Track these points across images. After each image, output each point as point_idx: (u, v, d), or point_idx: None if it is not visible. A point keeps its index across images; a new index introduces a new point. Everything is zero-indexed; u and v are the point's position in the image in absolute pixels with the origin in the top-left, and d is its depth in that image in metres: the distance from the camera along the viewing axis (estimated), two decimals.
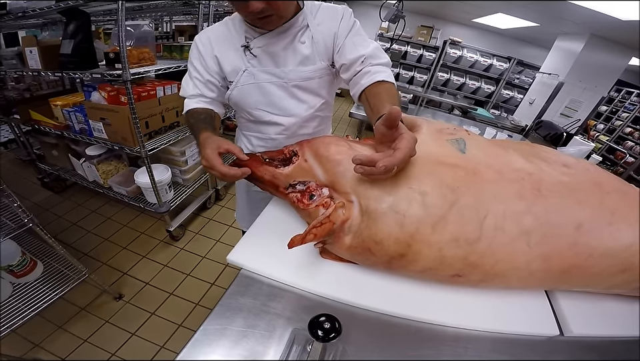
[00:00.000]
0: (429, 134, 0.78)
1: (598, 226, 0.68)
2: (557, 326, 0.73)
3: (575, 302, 0.78)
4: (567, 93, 4.20)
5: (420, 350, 0.64)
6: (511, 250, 0.66)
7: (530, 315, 0.75)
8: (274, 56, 1.02)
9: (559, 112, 4.33)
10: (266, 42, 0.99)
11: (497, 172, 0.71)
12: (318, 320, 0.54)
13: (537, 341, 0.71)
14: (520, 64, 5.73)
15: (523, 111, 4.97)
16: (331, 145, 0.76)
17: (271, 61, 1.02)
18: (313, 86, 1.07)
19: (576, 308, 0.77)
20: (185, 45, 2.09)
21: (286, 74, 1.03)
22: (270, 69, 1.03)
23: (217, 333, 0.61)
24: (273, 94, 1.06)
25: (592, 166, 0.83)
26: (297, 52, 1.01)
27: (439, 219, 0.64)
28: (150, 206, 2.16)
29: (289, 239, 0.65)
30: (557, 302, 0.78)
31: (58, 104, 1.94)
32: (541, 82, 4.69)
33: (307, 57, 1.01)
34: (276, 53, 1.01)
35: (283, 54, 1.01)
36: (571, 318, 0.74)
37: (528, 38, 5.75)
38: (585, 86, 4.12)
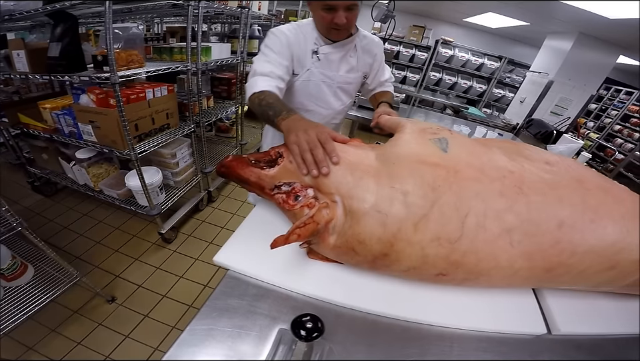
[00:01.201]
0: (412, 134, 0.78)
1: (580, 224, 0.69)
2: (544, 325, 0.73)
3: (563, 300, 0.79)
4: (556, 91, 4.24)
5: (406, 349, 0.65)
6: (493, 248, 0.66)
7: (517, 314, 0.75)
8: (331, 63, 1.33)
9: (549, 111, 4.37)
10: (329, 51, 1.30)
11: (478, 170, 0.71)
12: (301, 320, 0.55)
13: (524, 340, 0.71)
14: (511, 63, 5.77)
15: (514, 110, 5.01)
16: None
17: (328, 66, 1.33)
18: (349, 89, 1.44)
19: (564, 306, 0.78)
20: (175, 47, 2.09)
21: (335, 77, 1.37)
22: (326, 72, 1.34)
23: (203, 333, 0.61)
24: (322, 90, 1.39)
25: (575, 163, 0.84)
26: (347, 62, 1.36)
27: (421, 218, 0.64)
28: (141, 209, 2.15)
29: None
30: (545, 301, 0.79)
31: (47, 107, 1.92)
32: (531, 81, 4.73)
33: (352, 67, 1.38)
34: (334, 61, 1.33)
35: (338, 63, 1.34)
36: (559, 316, 0.74)
37: (518, 37, 5.79)
38: (574, 84, 4.17)
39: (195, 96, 2.29)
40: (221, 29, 4.08)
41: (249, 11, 2.59)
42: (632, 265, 0.70)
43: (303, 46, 1.28)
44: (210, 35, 3.66)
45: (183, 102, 2.32)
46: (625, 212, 0.72)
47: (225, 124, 3.44)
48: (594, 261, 0.69)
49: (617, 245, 0.69)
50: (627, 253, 0.69)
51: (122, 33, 1.67)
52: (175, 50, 2.08)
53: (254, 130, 4.07)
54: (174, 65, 1.93)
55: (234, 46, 2.76)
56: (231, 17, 3.20)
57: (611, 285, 0.76)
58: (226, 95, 3.00)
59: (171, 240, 2.38)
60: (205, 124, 2.54)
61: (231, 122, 3.42)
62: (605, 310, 0.79)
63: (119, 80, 1.53)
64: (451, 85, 6.02)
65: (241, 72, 2.82)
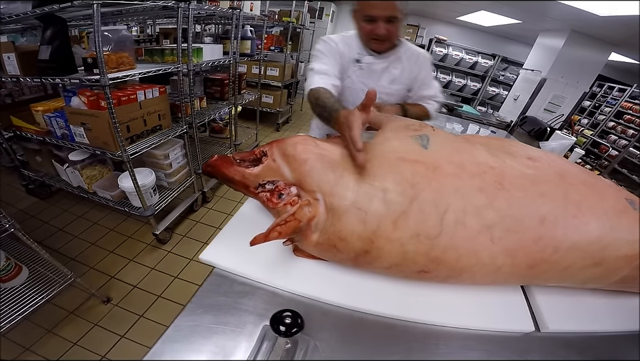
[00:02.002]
0: (394, 131, 0.79)
1: (563, 220, 0.68)
2: (532, 322, 0.73)
3: (552, 297, 0.79)
4: (549, 89, 4.27)
5: (392, 347, 0.65)
6: (473, 244, 0.66)
7: (505, 311, 0.75)
8: (372, 73, 1.37)
9: (543, 108, 4.41)
10: (372, 62, 1.34)
11: (458, 166, 0.71)
12: (280, 316, 0.56)
13: (512, 337, 0.71)
14: (504, 61, 5.81)
15: (508, 107, 5.04)
16: (298, 145, 0.77)
17: (369, 76, 1.37)
18: (389, 100, 1.41)
19: (553, 303, 0.77)
20: (166, 49, 2.10)
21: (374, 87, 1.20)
22: (365, 81, 1.38)
23: (188, 329, 0.62)
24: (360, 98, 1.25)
25: (558, 158, 0.83)
26: (390, 74, 1.37)
27: (400, 215, 0.65)
28: (135, 210, 2.15)
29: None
30: (534, 298, 0.79)
31: (39, 110, 1.92)
32: (525, 79, 4.76)
33: (395, 79, 1.38)
34: (375, 71, 1.36)
35: (380, 73, 1.37)
36: (547, 314, 0.74)
37: (511, 35, 5.82)
38: (567, 81, 4.20)
39: (187, 97, 2.29)
40: (215, 30, 4.08)
41: (241, 12, 2.59)
42: (618, 261, 0.70)
43: (347, 55, 1.34)
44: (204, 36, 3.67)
45: (175, 103, 2.32)
46: (609, 207, 0.72)
47: (218, 125, 3.44)
48: (578, 257, 0.69)
49: (601, 241, 0.68)
50: (612, 249, 0.69)
51: (112, 36, 1.68)
52: (167, 51, 2.08)
53: (248, 131, 4.07)
54: (165, 67, 1.94)
55: (226, 47, 2.77)
56: (223, 18, 3.20)
57: (599, 282, 0.75)
58: (219, 96, 3.00)
59: (166, 241, 2.38)
60: (199, 125, 2.54)
61: (224, 122, 3.43)
62: (595, 307, 0.79)
63: (109, 82, 1.54)
64: (445, 84, 6.05)
65: (233, 73, 2.82)
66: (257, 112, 4.08)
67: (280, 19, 4.50)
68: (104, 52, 1.52)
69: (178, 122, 2.34)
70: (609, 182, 0.82)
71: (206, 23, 3.96)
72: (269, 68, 4.53)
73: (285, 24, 4.42)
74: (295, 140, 0.79)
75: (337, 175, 0.71)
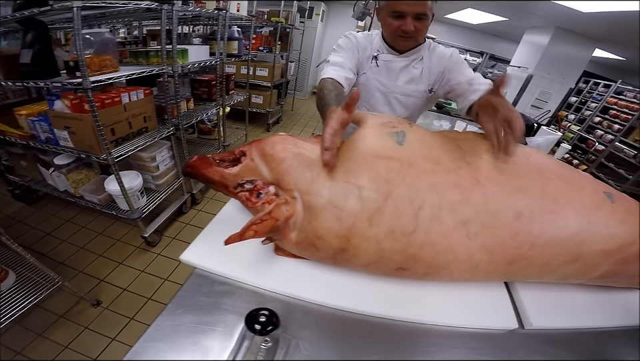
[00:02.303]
0: (371, 128, 0.78)
1: (539, 214, 0.67)
2: (516, 319, 0.72)
3: (536, 293, 0.78)
4: (536, 85, 4.33)
5: (373, 347, 0.65)
6: (450, 241, 0.66)
7: (489, 308, 0.74)
8: (390, 71, 1.32)
9: (530, 104, 4.45)
10: (390, 59, 1.30)
11: (433, 162, 0.70)
12: (255, 314, 0.57)
13: (496, 335, 0.71)
14: (492, 58, 5.87)
15: None
16: (277, 144, 0.77)
17: (386, 74, 1.33)
18: (407, 102, 1.37)
19: (536, 300, 0.77)
20: (151, 51, 2.09)
21: (391, 87, 1.35)
22: (382, 79, 1.33)
23: (169, 329, 0.62)
24: (375, 97, 1.38)
25: (536, 152, 0.82)
26: (409, 73, 1.31)
27: (375, 212, 0.64)
28: (122, 213, 2.14)
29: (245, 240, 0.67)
30: (517, 294, 0.79)
31: (22, 114, 1.90)
32: (512, 75, 4.79)
33: (414, 78, 1.31)
34: (393, 69, 1.31)
35: (398, 72, 1.31)
36: (531, 311, 0.74)
37: (499, 33, 5.88)
38: (553, 78, 4.26)
39: (173, 99, 2.28)
40: (203, 31, 4.07)
41: (227, 13, 2.58)
42: (596, 256, 0.70)
43: (367, 51, 1.32)
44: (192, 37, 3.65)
45: (161, 105, 2.31)
46: (586, 202, 0.71)
47: (207, 126, 3.43)
48: (556, 253, 0.69)
49: (578, 236, 0.68)
50: (589, 244, 0.69)
51: (94, 38, 1.67)
52: (151, 53, 2.07)
53: (238, 131, 4.05)
54: (149, 69, 1.93)
55: (213, 48, 2.75)
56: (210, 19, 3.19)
57: (580, 277, 0.75)
58: (207, 97, 2.99)
59: (155, 244, 2.38)
60: (187, 127, 2.54)
61: (212, 123, 3.41)
62: (579, 303, 0.79)
63: (92, 85, 1.53)
64: None
65: (220, 74, 2.80)
66: (246, 113, 4.07)
67: (269, 19, 4.48)
68: (86, 55, 1.51)
69: (165, 124, 2.33)
70: (586, 176, 0.82)
71: (194, 24, 3.94)
72: (258, 68, 4.51)
73: (274, 24, 4.41)
74: (274, 139, 0.80)
75: (314, 173, 0.71)
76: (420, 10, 1.09)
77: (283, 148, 0.76)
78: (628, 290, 0.84)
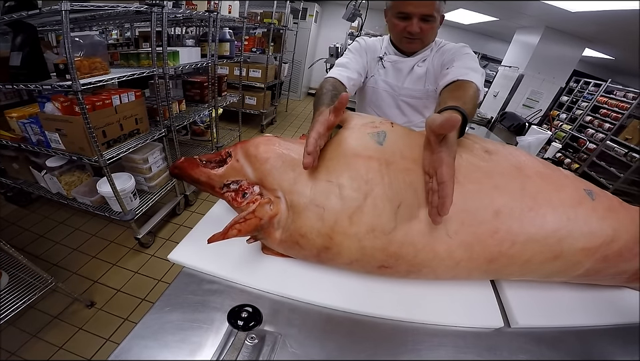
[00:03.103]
0: (353, 129, 0.79)
1: (518, 212, 0.67)
2: (502, 318, 0.73)
3: (522, 292, 0.79)
4: (527, 85, 4.37)
5: (359, 344, 0.65)
6: (429, 239, 0.65)
7: (475, 307, 0.75)
8: (398, 72, 1.30)
9: (522, 104, 4.49)
10: (397, 60, 1.28)
11: (412, 161, 0.70)
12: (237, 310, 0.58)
13: (482, 333, 0.71)
14: (484, 58, 5.91)
15: (489, 104, 5.12)
16: (260, 145, 0.79)
17: (394, 76, 1.31)
18: (417, 104, 1.33)
19: (522, 298, 0.77)
20: (142, 53, 2.09)
21: (399, 89, 1.32)
22: (389, 81, 1.32)
23: (156, 326, 0.62)
24: (384, 100, 1.37)
25: (517, 150, 0.81)
26: (415, 73, 1.27)
27: (355, 210, 0.65)
28: (115, 215, 2.15)
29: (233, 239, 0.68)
30: (504, 293, 0.79)
31: (13, 116, 1.91)
32: (503, 75, 4.85)
33: (419, 78, 1.26)
34: (401, 70, 1.29)
35: (405, 74, 1.29)
36: (517, 309, 0.74)
37: (490, 33, 5.93)
38: (544, 77, 4.29)
39: (165, 100, 2.29)
40: (196, 32, 4.07)
41: (218, 15, 2.58)
42: (577, 254, 0.70)
43: (376, 54, 1.33)
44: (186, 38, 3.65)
45: (153, 107, 2.32)
46: (566, 199, 0.71)
47: (199, 128, 3.42)
48: (536, 250, 0.68)
49: (558, 233, 0.68)
50: (569, 242, 0.68)
51: (83, 41, 1.67)
52: (142, 55, 2.08)
53: (231, 133, 4.07)
54: (140, 71, 1.93)
55: (204, 49, 2.76)
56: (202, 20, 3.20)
57: (563, 275, 0.75)
58: (199, 99, 2.99)
59: (149, 245, 2.39)
60: (180, 128, 2.54)
61: (205, 125, 3.42)
62: (565, 302, 0.78)
63: (81, 87, 1.53)
64: None
65: (212, 76, 2.81)
66: (239, 114, 4.08)
67: (262, 21, 4.48)
68: (76, 58, 1.51)
69: (157, 126, 2.33)
70: (567, 173, 0.80)
71: (187, 26, 3.94)
72: (251, 69, 4.51)
73: (267, 25, 4.42)
74: (258, 140, 0.81)
75: (296, 173, 0.72)
76: (426, 12, 1.08)
77: (266, 149, 0.77)
78: (613, 288, 0.84)
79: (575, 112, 5.81)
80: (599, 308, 0.79)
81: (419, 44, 1.21)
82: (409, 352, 0.64)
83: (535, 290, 0.79)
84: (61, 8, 1.37)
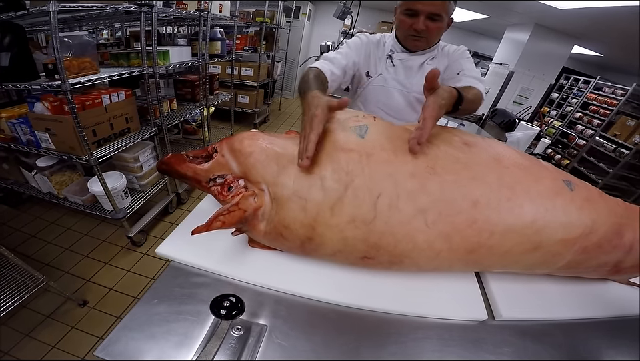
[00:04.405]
0: (337, 123, 0.80)
1: (496, 203, 0.68)
2: (485, 310, 0.74)
3: (506, 284, 0.80)
4: (517, 82, 4.41)
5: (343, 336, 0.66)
6: (409, 229, 0.67)
7: (459, 299, 0.76)
8: (408, 70, 1.30)
9: (512, 100, 4.54)
10: (406, 58, 1.29)
11: (391, 153, 0.72)
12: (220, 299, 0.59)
13: (466, 325, 0.72)
14: (476, 55, 5.94)
15: None
16: (244, 139, 0.80)
17: (404, 73, 1.30)
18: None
19: (507, 291, 0.78)
20: (132, 52, 2.10)
21: (411, 86, 1.31)
22: (400, 79, 1.31)
23: (144, 318, 0.63)
24: (395, 98, 1.34)
25: (496, 142, 0.83)
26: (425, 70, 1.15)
27: (336, 201, 0.67)
28: (107, 214, 2.15)
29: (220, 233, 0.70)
30: (488, 285, 0.80)
31: (3, 116, 1.90)
32: (494, 72, 4.89)
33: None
34: (411, 68, 1.30)
35: (416, 70, 1.30)
36: (501, 302, 0.75)
37: (481, 30, 5.97)
38: (534, 74, 4.34)
39: (156, 99, 2.30)
40: (188, 31, 4.07)
41: (208, 14, 2.59)
42: (557, 245, 0.71)
43: (380, 51, 1.32)
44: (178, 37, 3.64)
45: (144, 105, 2.32)
46: (544, 190, 0.72)
47: (191, 126, 3.42)
48: (515, 241, 0.69)
49: (535, 224, 0.69)
50: (548, 233, 0.69)
51: (72, 41, 1.68)
52: (132, 55, 2.08)
53: (223, 131, 4.07)
54: (130, 70, 1.94)
55: (195, 48, 2.76)
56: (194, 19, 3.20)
57: (545, 267, 0.77)
58: (190, 97, 2.99)
59: (141, 244, 2.40)
60: (172, 127, 2.55)
61: (197, 123, 3.41)
62: (550, 295, 0.80)
63: (71, 87, 1.54)
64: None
65: (204, 75, 2.81)
66: (231, 113, 4.09)
67: (254, 19, 4.49)
68: (65, 58, 1.52)
69: (147, 125, 2.34)
70: (547, 165, 0.82)
71: (178, 25, 3.93)
72: (243, 68, 4.52)
73: (259, 24, 4.43)
74: (243, 135, 0.83)
75: (280, 166, 0.73)
76: (434, 10, 1.10)
77: (250, 143, 0.79)
78: (598, 282, 0.86)
79: (565, 109, 5.88)
80: (584, 301, 0.80)
81: (424, 42, 1.22)
82: (394, 344, 0.66)
83: (520, 283, 0.81)
84: (49, 9, 1.37)
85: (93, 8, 1.63)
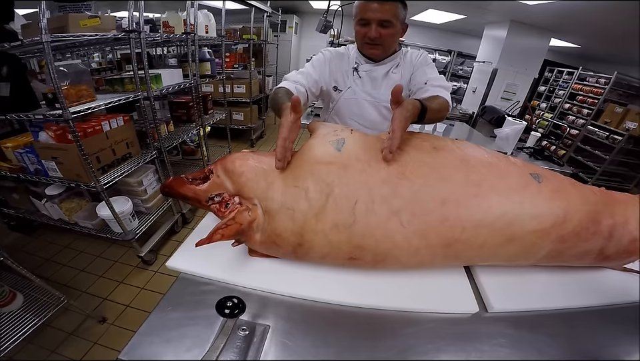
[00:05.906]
0: (317, 138, 0.90)
1: (464, 200, 0.74)
2: (476, 303, 0.77)
3: (496, 277, 0.84)
4: (502, 78, 4.46)
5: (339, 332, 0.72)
6: (386, 230, 0.73)
7: (450, 293, 0.80)
8: (374, 80, 1.36)
9: (500, 97, 4.59)
10: (370, 69, 1.35)
11: (366, 163, 0.80)
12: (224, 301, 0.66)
13: (459, 319, 0.75)
14: (460, 55, 6.01)
15: (469, 99, 5.22)
16: (236, 160, 0.90)
17: (370, 84, 1.37)
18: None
19: (498, 283, 0.82)
20: (125, 78, 2.14)
21: (379, 96, 1.37)
22: (368, 90, 1.37)
23: (159, 324, 0.72)
24: (365, 109, 1.41)
25: (464, 144, 0.89)
26: (390, 79, 1.34)
27: (319, 209, 0.75)
28: (117, 236, 2.23)
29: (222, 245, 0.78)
30: (478, 279, 0.84)
31: (9, 146, 1.95)
32: (479, 71, 4.96)
33: (396, 83, 1.21)
34: (376, 78, 1.36)
35: (381, 80, 1.36)
36: (492, 294, 0.78)
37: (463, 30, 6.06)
38: (517, 70, 4.40)
39: (153, 123, 2.34)
40: (178, 51, 4.15)
41: (195, 36, 2.65)
42: (531, 236, 0.75)
43: (345, 64, 1.37)
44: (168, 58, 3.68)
45: (142, 129, 2.37)
46: (511, 184, 0.77)
47: (190, 147, 3.47)
48: (488, 235, 0.74)
49: (505, 217, 0.73)
50: (519, 224, 0.74)
51: (68, 70, 1.73)
52: (126, 80, 2.13)
53: (221, 150, 4.13)
54: (125, 96, 2.01)
55: (186, 70, 2.81)
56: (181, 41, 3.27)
57: (526, 258, 0.80)
58: (186, 118, 3.03)
59: (152, 262, 2.48)
60: (170, 149, 2.60)
61: (195, 144, 3.46)
62: (542, 285, 0.83)
63: (72, 115, 1.60)
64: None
65: (197, 95, 2.85)
66: (227, 130, 4.14)
67: (241, 37, 4.56)
68: (62, 87, 1.57)
69: (147, 149, 2.39)
70: (516, 161, 0.87)
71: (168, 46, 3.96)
72: (235, 85, 4.57)
73: (246, 41, 4.49)
74: (235, 156, 0.92)
75: (268, 182, 0.83)
76: (383, 17, 1.15)
77: (241, 164, 0.89)
78: (592, 270, 0.89)
79: (553, 101, 5.95)
80: (577, 290, 0.83)
81: (380, 49, 1.27)
82: (388, 338, 0.71)
83: (510, 276, 0.84)
84: (42, 40, 1.41)
85: (84, 37, 1.66)
